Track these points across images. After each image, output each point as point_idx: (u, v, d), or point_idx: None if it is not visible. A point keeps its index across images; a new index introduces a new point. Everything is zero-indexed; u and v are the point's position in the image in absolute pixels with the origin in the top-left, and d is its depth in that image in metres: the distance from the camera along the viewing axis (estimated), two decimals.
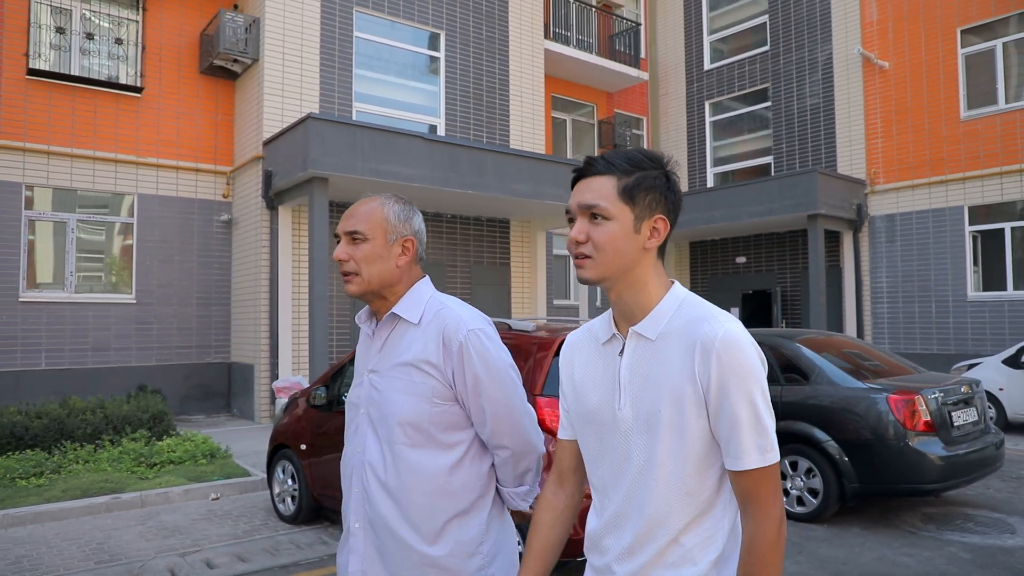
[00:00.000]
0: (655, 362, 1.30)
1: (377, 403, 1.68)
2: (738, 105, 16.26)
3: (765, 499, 1.24)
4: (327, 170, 9.20)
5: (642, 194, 1.30)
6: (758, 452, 1.23)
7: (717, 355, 1.22)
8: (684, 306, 1.32)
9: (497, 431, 1.67)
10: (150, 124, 10.87)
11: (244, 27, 10.66)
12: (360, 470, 1.69)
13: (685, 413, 1.26)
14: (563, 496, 1.53)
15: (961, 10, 12.41)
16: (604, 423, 1.37)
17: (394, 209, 1.74)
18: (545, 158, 11.67)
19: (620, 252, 1.29)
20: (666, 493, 1.29)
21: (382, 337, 1.73)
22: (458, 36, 12.65)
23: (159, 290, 10.87)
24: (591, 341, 1.46)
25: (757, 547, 1.24)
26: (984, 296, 12.06)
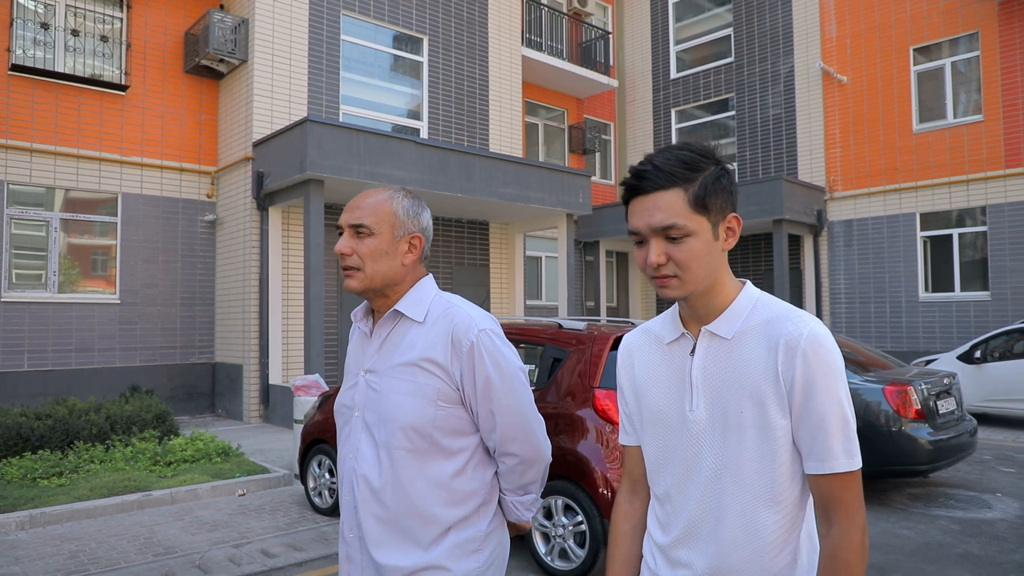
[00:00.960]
0: (732, 361, 1.26)
1: (375, 405, 1.59)
2: (703, 113, 16.93)
3: (850, 504, 1.19)
4: (325, 172, 9.34)
5: (714, 199, 1.23)
6: (845, 456, 1.19)
7: (803, 353, 1.19)
8: (760, 304, 1.29)
9: (506, 437, 1.60)
10: (134, 123, 10.78)
11: (232, 27, 10.69)
12: (351, 476, 1.60)
13: (768, 412, 1.22)
14: (639, 504, 1.48)
15: (914, 30, 13.28)
16: (671, 425, 1.33)
17: (403, 204, 1.65)
18: (530, 163, 12.01)
19: (705, 265, 1.24)
20: (752, 503, 1.23)
21: (381, 336, 1.64)
22: (440, 41, 12.88)
23: (143, 290, 10.79)
24: (652, 342, 1.42)
25: (842, 554, 1.18)
26: (934, 297, 12.94)
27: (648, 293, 17.95)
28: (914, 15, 13.27)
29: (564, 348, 4.27)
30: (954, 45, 12.93)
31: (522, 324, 4.73)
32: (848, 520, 1.19)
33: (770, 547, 1.22)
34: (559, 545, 4.07)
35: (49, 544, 4.77)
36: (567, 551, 4.04)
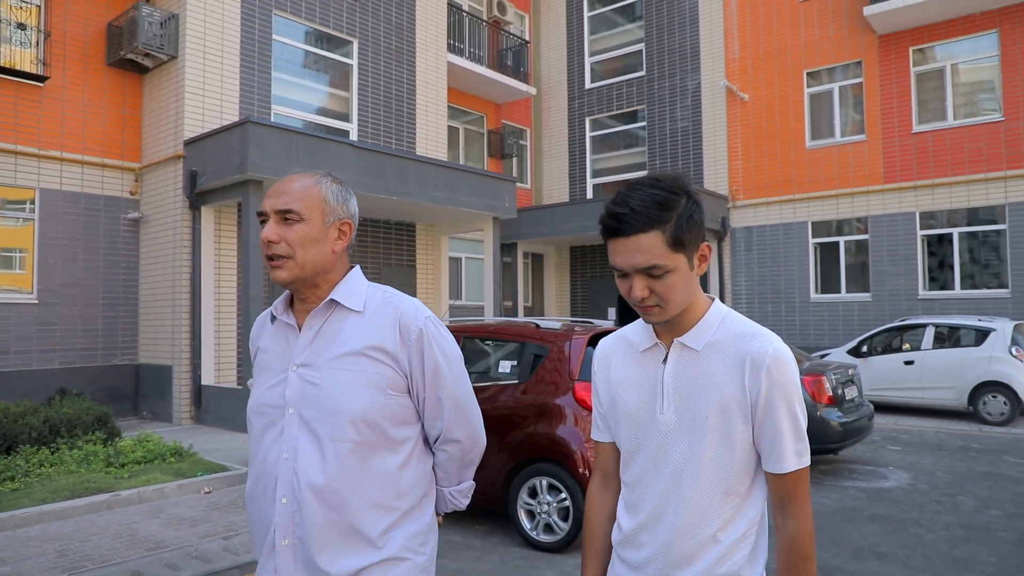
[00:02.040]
0: (701, 370, 1.39)
1: (316, 400, 1.51)
2: (615, 123, 17.85)
3: (802, 498, 1.36)
4: (264, 173, 9.38)
5: (689, 236, 1.33)
6: (796, 456, 1.34)
7: (768, 370, 1.33)
8: (728, 320, 1.42)
9: (452, 424, 1.61)
10: (54, 115, 10.37)
11: (160, 22, 10.48)
12: (288, 478, 1.50)
13: (732, 419, 1.35)
14: (610, 494, 1.60)
15: (807, 56, 14.64)
16: (642, 423, 1.45)
17: (332, 189, 1.59)
18: (460, 167, 12.40)
19: (683, 293, 1.35)
20: (707, 492, 1.37)
21: (313, 328, 1.57)
22: (370, 45, 13.05)
23: (62, 290, 10.40)
24: (626, 347, 1.53)
25: (798, 542, 1.34)
26: (823, 298, 14.34)
27: (562, 293, 18.71)
28: (807, 42, 14.64)
29: (545, 345, 4.75)
30: (841, 71, 14.37)
31: (502, 324, 5.17)
32: (801, 511, 1.35)
33: (720, 532, 1.36)
34: (544, 520, 4.55)
35: (28, 546, 4.77)
36: (552, 525, 4.52)
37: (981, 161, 12.75)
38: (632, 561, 1.45)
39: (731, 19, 15.67)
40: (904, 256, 13.46)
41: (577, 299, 18.33)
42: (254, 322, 1.74)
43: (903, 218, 13.50)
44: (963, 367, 10.08)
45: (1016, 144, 12.45)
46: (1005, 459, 7.54)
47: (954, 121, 13.14)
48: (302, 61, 12.18)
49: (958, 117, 13.16)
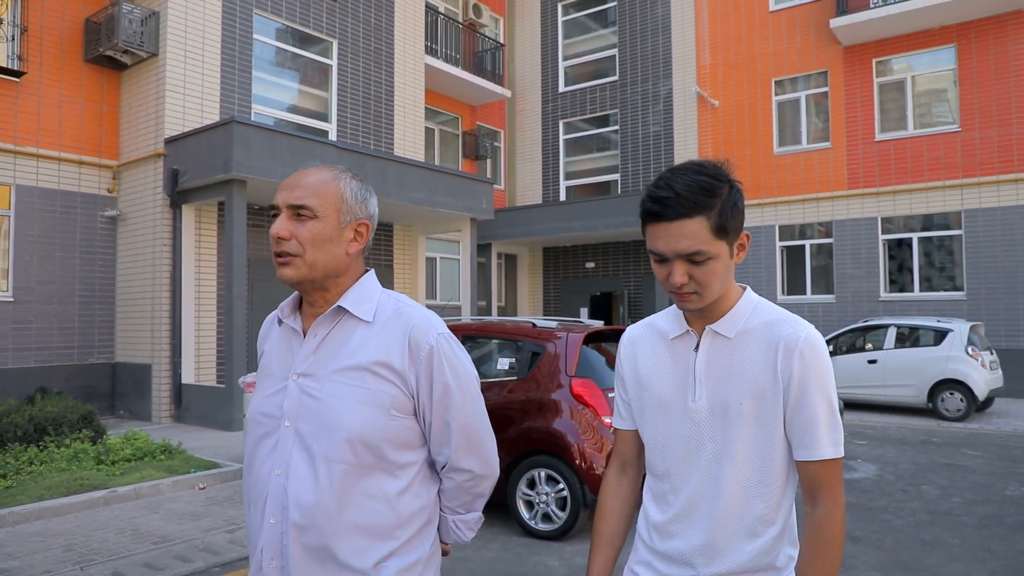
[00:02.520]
0: (735, 358, 1.37)
1: (314, 414, 1.40)
2: (589, 126, 18.17)
3: (834, 486, 1.32)
4: (249, 173, 9.43)
5: (732, 224, 1.32)
6: (832, 445, 1.31)
7: (800, 354, 1.31)
8: (760, 308, 1.41)
9: (460, 451, 1.48)
10: (30, 111, 10.26)
11: (141, 19, 10.44)
12: (279, 496, 1.39)
13: (767, 406, 1.33)
14: (627, 483, 1.58)
15: (775, 65, 15.12)
16: (672, 412, 1.42)
17: (351, 186, 1.49)
18: (440, 169, 12.57)
19: (722, 281, 1.34)
20: (745, 483, 1.35)
21: (318, 335, 1.46)
22: (349, 46, 13.13)
23: (39, 287, 10.30)
24: (655, 336, 1.51)
25: (826, 530, 1.31)
26: (789, 299, 14.82)
27: (535, 294, 18.95)
28: (776, 51, 15.12)
29: (542, 344, 4.97)
30: (808, 80, 14.88)
31: (499, 323, 5.38)
32: (832, 500, 1.32)
33: (758, 523, 1.34)
34: (542, 510, 4.77)
35: (32, 541, 4.83)
36: (550, 515, 4.75)
37: (939, 169, 13.34)
38: (664, 551, 1.42)
39: (702, 27, 16.09)
40: (866, 259, 14.00)
41: (550, 299, 18.60)
42: (264, 322, 1.61)
43: (865, 223, 14.04)
44: (923, 366, 10.58)
45: (971, 153, 13.07)
46: (963, 452, 7.99)
47: (914, 131, 13.72)
48: (282, 61, 12.21)
49: (917, 127, 13.74)
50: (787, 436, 1.35)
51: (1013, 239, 12.67)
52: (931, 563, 4.42)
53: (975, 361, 10.23)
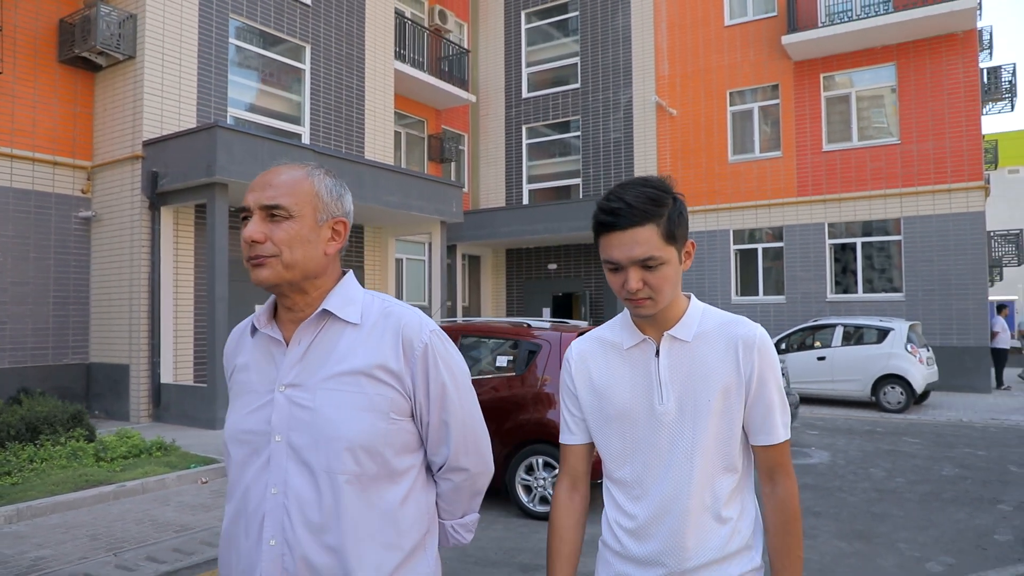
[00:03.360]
0: (696, 359, 1.45)
1: (307, 426, 1.34)
2: (551, 132, 18.71)
3: (788, 465, 1.46)
4: (232, 177, 9.64)
5: (679, 231, 1.40)
6: (784, 428, 1.45)
7: (759, 350, 1.42)
8: (707, 313, 1.50)
9: (459, 450, 1.46)
10: (4, 111, 10.24)
11: (118, 22, 10.52)
12: (278, 515, 1.34)
13: (731, 400, 1.43)
14: (578, 499, 1.59)
15: (730, 76, 15.92)
16: (637, 419, 1.47)
17: (326, 183, 1.43)
18: (412, 173, 12.92)
19: (673, 285, 1.41)
20: (713, 473, 1.43)
21: (303, 343, 1.39)
22: (322, 50, 13.37)
23: (13, 288, 10.29)
24: (605, 348, 1.56)
25: (789, 505, 1.44)
26: (743, 300, 15.64)
27: (498, 294, 19.41)
28: (731, 64, 15.91)
29: (538, 343, 5.44)
30: (760, 93, 15.72)
31: (497, 324, 5.82)
32: (788, 477, 1.45)
33: (723, 506, 1.43)
34: (540, 493, 5.25)
35: (55, 532, 5.07)
36: (547, 497, 5.22)
37: (880, 179, 14.30)
38: (640, 555, 1.45)
39: (661, 39, 16.80)
40: (814, 262, 14.89)
41: (513, 299, 19.08)
42: (229, 335, 1.53)
43: (814, 228, 14.93)
44: (867, 362, 11.43)
45: (909, 165, 14.05)
46: (904, 439, 8.78)
47: (858, 142, 14.66)
48: (257, 64, 12.39)
49: (861, 139, 14.69)
50: (744, 425, 1.46)
51: (946, 244, 13.69)
52: (882, 531, 5.06)
53: (913, 358, 11.11)
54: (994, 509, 5.64)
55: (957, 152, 13.66)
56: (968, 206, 13.57)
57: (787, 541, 1.44)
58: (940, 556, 4.57)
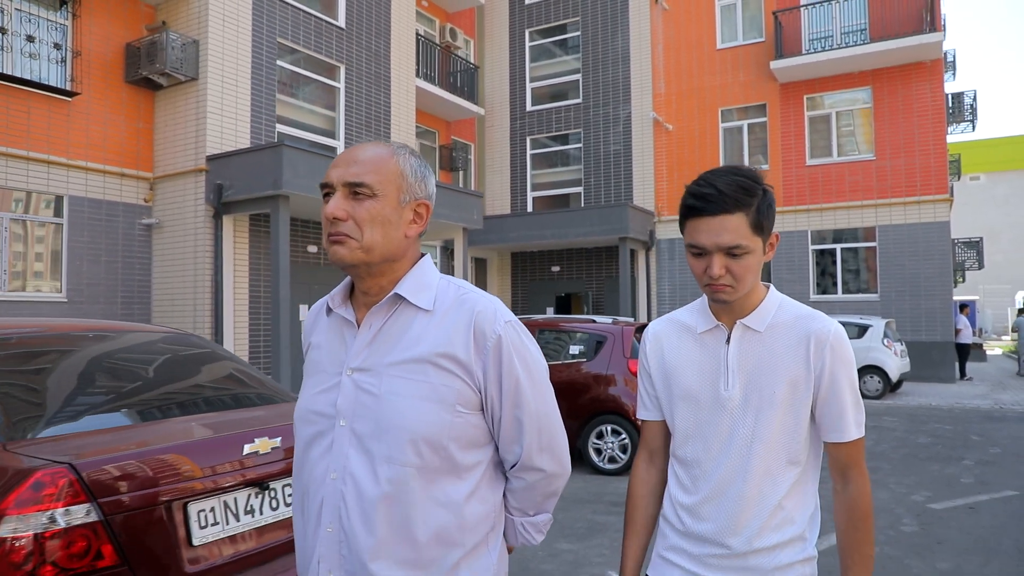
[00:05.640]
0: (766, 349, 1.46)
1: (371, 412, 1.29)
2: (554, 143, 20.05)
3: (861, 463, 1.46)
4: (294, 190, 10.81)
5: (767, 222, 1.42)
6: (857, 426, 1.44)
7: (831, 347, 1.42)
8: (785, 305, 1.51)
9: (533, 449, 1.37)
10: (80, 128, 11.29)
11: (181, 46, 11.62)
12: (336, 502, 1.29)
13: (798, 393, 1.44)
14: (655, 472, 1.65)
15: (721, 95, 17.41)
16: (703, 402, 1.51)
17: (411, 162, 1.37)
18: (441, 185, 14.16)
19: (755, 275, 1.44)
20: (774, 463, 1.44)
21: (374, 326, 1.35)
22: (354, 70, 14.55)
23: (87, 289, 11.33)
24: (679, 330, 1.59)
25: (861, 503, 1.45)
26: None
27: (504, 294, 20.69)
28: (722, 84, 17.41)
29: (604, 335, 6.77)
30: (749, 111, 17.23)
31: (567, 319, 7.14)
32: (861, 475, 1.46)
33: (785, 499, 1.45)
34: (609, 454, 6.58)
35: None
36: (615, 457, 6.55)
37: (858, 191, 15.88)
38: (696, 532, 1.49)
39: (658, 59, 18.23)
40: (798, 266, 16.43)
41: (518, 299, 20.37)
42: (308, 312, 1.48)
43: (798, 235, 16.47)
44: None
45: (884, 178, 15.65)
46: (884, 419, 10.28)
47: (837, 158, 16.23)
48: (299, 84, 13.53)
49: (840, 155, 16.27)
50: (816, 421, 1.46)
51: (916, 250, 15.30)
52: (875, 478, 6.50)
53: (889, 351, 12.64)
54: (959, 463, 7.12)
55: (925, 168, 15.28)
56: (935, 216, 15.20)
57: (856, 538, 1.45)
58: (921, 491, 6.01)
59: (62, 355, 2.61)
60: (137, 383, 2.68)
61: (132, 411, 2.48)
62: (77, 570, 1.86)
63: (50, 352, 2.60)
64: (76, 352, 2.66)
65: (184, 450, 2.19)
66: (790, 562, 1.44)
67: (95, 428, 2.29)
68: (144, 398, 2.57)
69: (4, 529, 1.77)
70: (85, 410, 2.41)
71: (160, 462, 2.09)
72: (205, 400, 2.76)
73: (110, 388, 2.59)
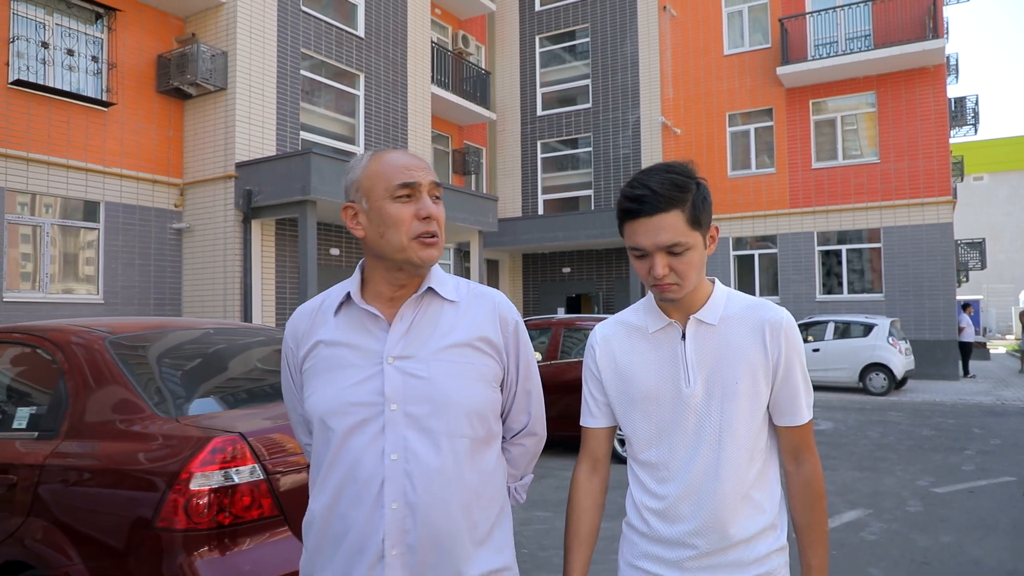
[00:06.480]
0: (722, 342, 1.47)
1: (425, 394, 1.40)
2: (564, 147, 20.49)
3: (812, 445, 1.51)
4: (322, 196, 11.27)
5: (703, 216, 1.42)
6: (807, 409, 1.49)
7: (785, 334, 1.45)
8: (733, 296, 1.53)
9: (536, 417, 1.61)
10: (115, 137, 11.76)
11: (210, 56, 12.09)
12: (399, 482, 1.38)
13: (758, 382, 1.45)
14: (598, 481, 1.61)
15: (729, 100, 17.84)
16: (664, 402, 1.49)
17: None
18: (457, 189, 14.63)
19: (698, 270, 1.44)
20: (741, 455, 1.45)
21: (406, 317, 1.45)
22: (373, 78, 15.02)
23: (123, 291, 11.80)
24: (629, 331, 1.57)
25: (815, 484, 1.49)
26: None
27: (515, 295, 21.13)
28: (729, 89, 17.83)
29: None
30: (756, 116, 17.66)
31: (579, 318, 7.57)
32: (813, 457, 1.50)
33: (751, 490, 1.47)
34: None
35: None
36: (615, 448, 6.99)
37: (863, 193, 16.30)
38: (669, 536, 1.47)
39: (666, 65, 18.67)
40: (805, 267, 16.85)
41: (529, 300, 20.81)
42: (292, 315, 1.59)
43: (804, 236, 16.89)
44: (855, 353, 13.36)
45: (888, 181, 16.06)
46: (890, 414, 10.70)
47: (842, 160, 16.65)
48: (321, 92, 14.00)
49: (845, 158, 16.69)
50: (771, 407, 1.48)
51: (920, 251, 15.71)
52: (883, 466, 6.93)
53: (894, 349, 13.06)
54: (962, 453, 7.56)
55: (929, 171, 15.70)
56: (938, 218, 15.62)
57: (812, 518, 1.48)
58: (925, 477, 6.45)
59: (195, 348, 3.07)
60: (255, 370, 3.15)
61: (260, 393, 2.95)
62: (245, 518, 2.32)
63: (185, 346, 3.06)
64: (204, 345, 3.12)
65: None
66: (767, 552, 1.46)
67: (235, 407, 2.75)
68: (269, 383, 3.02)
69: (193, 484, 2.23)
70: (222, 392, 2.87)
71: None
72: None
73: (237, 374, 3.06)
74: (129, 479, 2.36)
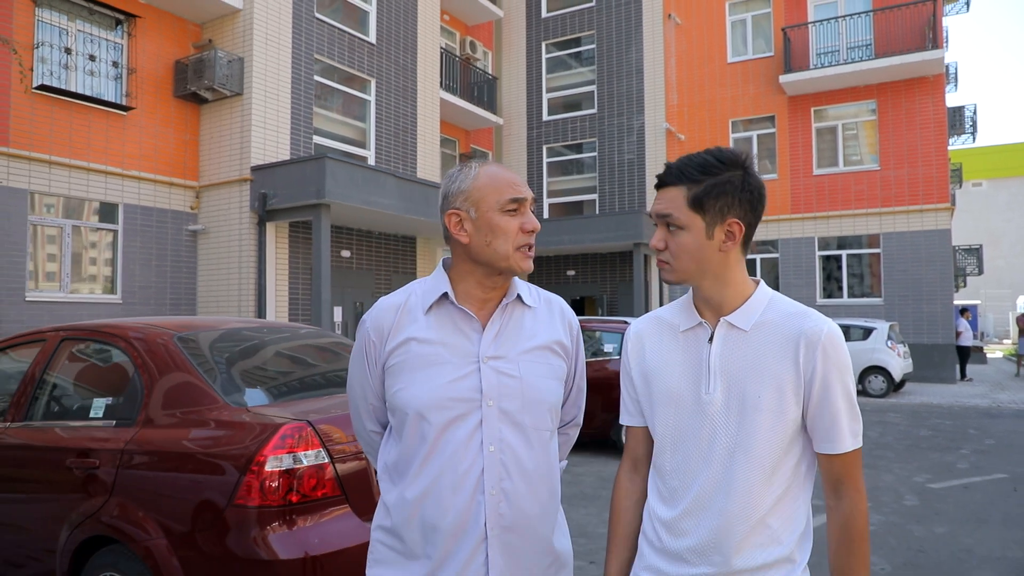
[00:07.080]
0: (751, 350, 1.37)
1: (517, 391, 1.54)
2: (569, 152, 20.79)
3: (857, 478, 1.35)
4: (336, 199, 11.56)
5: (712, 201, 1.34)
6: (852, 436, 1.33)
7: (823, 349, 1.31)
8: (775, 301, 1.41)
9: (581, 410, 1.79)
10: (134, 140, 12.06)
11: (227, 62, 12.38)
12: (496, 469, 1.51)
13: (784, 398, 1.33)
14: (639, 481, 1.56)
15: (732, 107, 18.14)
16: (683, 406, 1.42)
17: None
18: None
19: (695, 258, 1.36)
20: (758, 475, 1.33)
21: (497, 321, 1.58)
22: (384, 83, 15.31)
23: (140, 291, 12.09)
24: (663, 328, 1.51)
25: (854, 522, 1.34)
26: None
27: None
28: (732, 96, 18.14)
29: None
30: (759, 123, 17.96)
31: (603, 320, 7.86)
32: (856, 491, 1.34)
33: (769, 516, 1.34)
34: None
35: None
36: None
37: (863, 199, 16.60)
38: (674, 549, 1.40)
39: (671, 72, 18.97)
40: (806, 271, 17.14)
41: None
42: (374, 309, 1.65)
43: (805, 241, 17.19)
44: (854, 356, 13.62)
45: (888, 188, 16.36)
46: (889, 415, 10.99)
47: (843, 167, 16.95)
48: (333, 97, 14.30)
49: (846, 164, 16.98)
50: (807, 429, 1.37)
51: (918, 256, 16.00)
52: (882, 463, 7.23)
53: (893, 352, 13.34)
54: (957, 452, 7.85)
55: (928, 178, 16.00)
56: (937, 224, 15.91)
57: (849, 562, 1.35)
58: (921, 474, 6.75)
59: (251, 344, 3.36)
60: (306, 364, 3.44)
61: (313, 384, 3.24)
62: (312, 497, 2.60)
63: (242, 343, 3.35)
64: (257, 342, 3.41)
65: None
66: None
67: (293, 397, 3.04)
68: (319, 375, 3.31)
69: (267, 467, 2.52)
70: (280, 383, 3.17)
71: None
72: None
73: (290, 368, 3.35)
74: (205, 462, 2.64)
